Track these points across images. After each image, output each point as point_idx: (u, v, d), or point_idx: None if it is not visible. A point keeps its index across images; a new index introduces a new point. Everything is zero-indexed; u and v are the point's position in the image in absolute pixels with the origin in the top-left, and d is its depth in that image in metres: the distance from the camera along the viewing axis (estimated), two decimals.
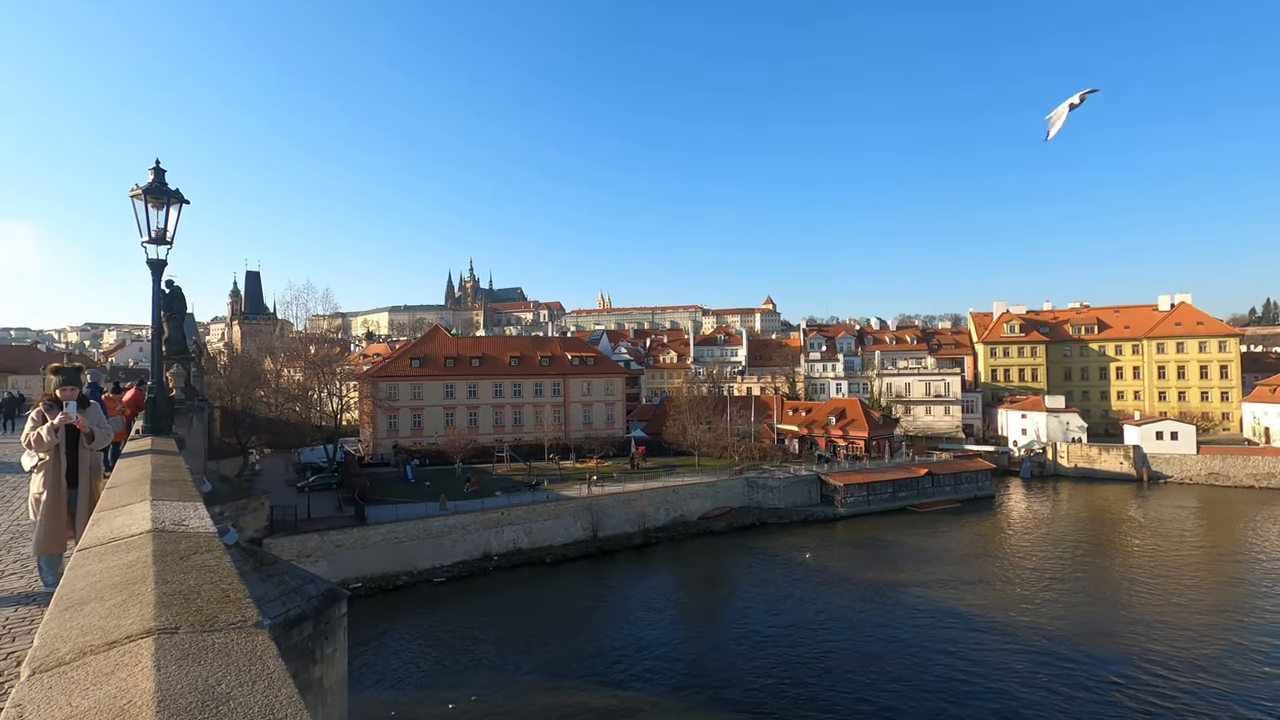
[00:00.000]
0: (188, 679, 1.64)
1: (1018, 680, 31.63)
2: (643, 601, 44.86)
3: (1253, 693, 30.07)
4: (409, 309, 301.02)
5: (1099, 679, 31.54)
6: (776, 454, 79.92)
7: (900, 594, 44.15)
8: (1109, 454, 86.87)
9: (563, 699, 30.47)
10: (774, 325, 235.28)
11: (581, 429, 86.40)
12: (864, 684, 31.65)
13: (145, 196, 11.34)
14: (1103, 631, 37.35)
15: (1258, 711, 28.42)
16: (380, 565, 46.17)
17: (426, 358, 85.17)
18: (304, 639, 17.04)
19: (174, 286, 21.97)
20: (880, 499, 69.51)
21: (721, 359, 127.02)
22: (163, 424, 11.64)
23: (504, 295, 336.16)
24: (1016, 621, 38.97)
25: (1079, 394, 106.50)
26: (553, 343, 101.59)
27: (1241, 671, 32.19)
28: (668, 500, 61.90)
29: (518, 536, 52.92)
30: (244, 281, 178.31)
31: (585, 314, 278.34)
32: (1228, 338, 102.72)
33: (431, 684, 32.19)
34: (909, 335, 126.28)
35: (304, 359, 77.20)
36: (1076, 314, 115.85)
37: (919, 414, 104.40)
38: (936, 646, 35.69)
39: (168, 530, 3.36)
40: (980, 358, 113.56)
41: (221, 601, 2.27)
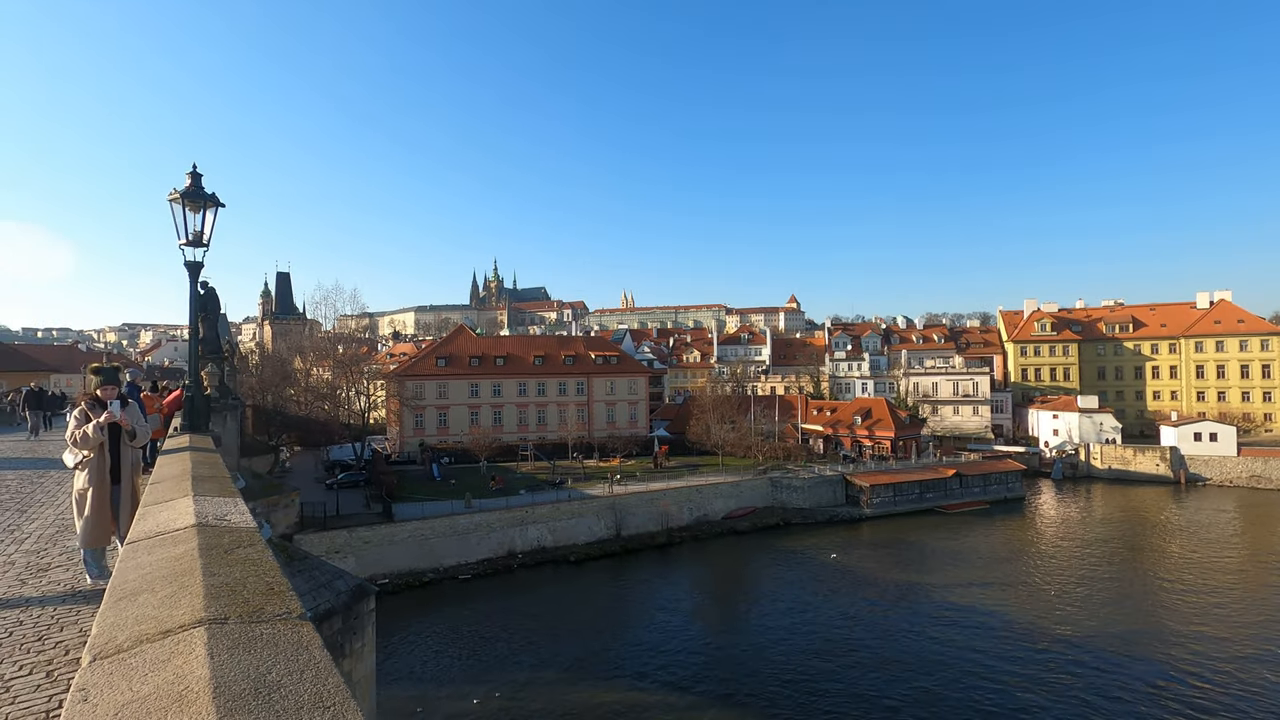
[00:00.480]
0: (240, 667, 1.71)
1: (1048, 688, 31.03)
2: (666, 601, 44.87)
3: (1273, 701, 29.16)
4: (434, 309, 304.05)
5: (1133, 688, 30.82)
6: (801, 454, 79.38)
7: (927, 596, 43.57)
8: (1144, 455, 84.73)
9: (586, 697, 30.62)
10: (798, 324, 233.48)
11: (605, 428, 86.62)
12: (889, 687, 31.31)
13: (183, 200, 11.67)
14: (1138, 639, 36.46)
15: None
16: (407, 561, 46.80)
17: (452, 357, 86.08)
18: (333, 633, 17.38)
19: (209, 288, 22.52)
20: (907, 500, 68.66)
21: (745, 358, 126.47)
22: (200, 422, 11.95)
23: (528, 295, 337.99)
24: (1048, 627, 38.23)
25: (1113, 394, 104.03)
26: (576, 342, 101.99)
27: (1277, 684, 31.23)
28: (691, 500, 61.82)
29: (542, 535, 53.26)
30: (275, 282, 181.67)
31: (609, 313, 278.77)
32: (1270, 336, 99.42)
33: (457, 679, 32.57)
34: (936, 334, 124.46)
35: (332, 358, 78.56)
36: (1110, 312, 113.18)
37: (947, 414, 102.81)
38: (964, 651, 35.17)
39: (210, 525, 3.47)
40: (1010, 357, 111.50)
41: (266, 594, 2.34)
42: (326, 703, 1.56)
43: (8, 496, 11.08)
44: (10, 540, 7.99)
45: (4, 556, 7.21)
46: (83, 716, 1.50)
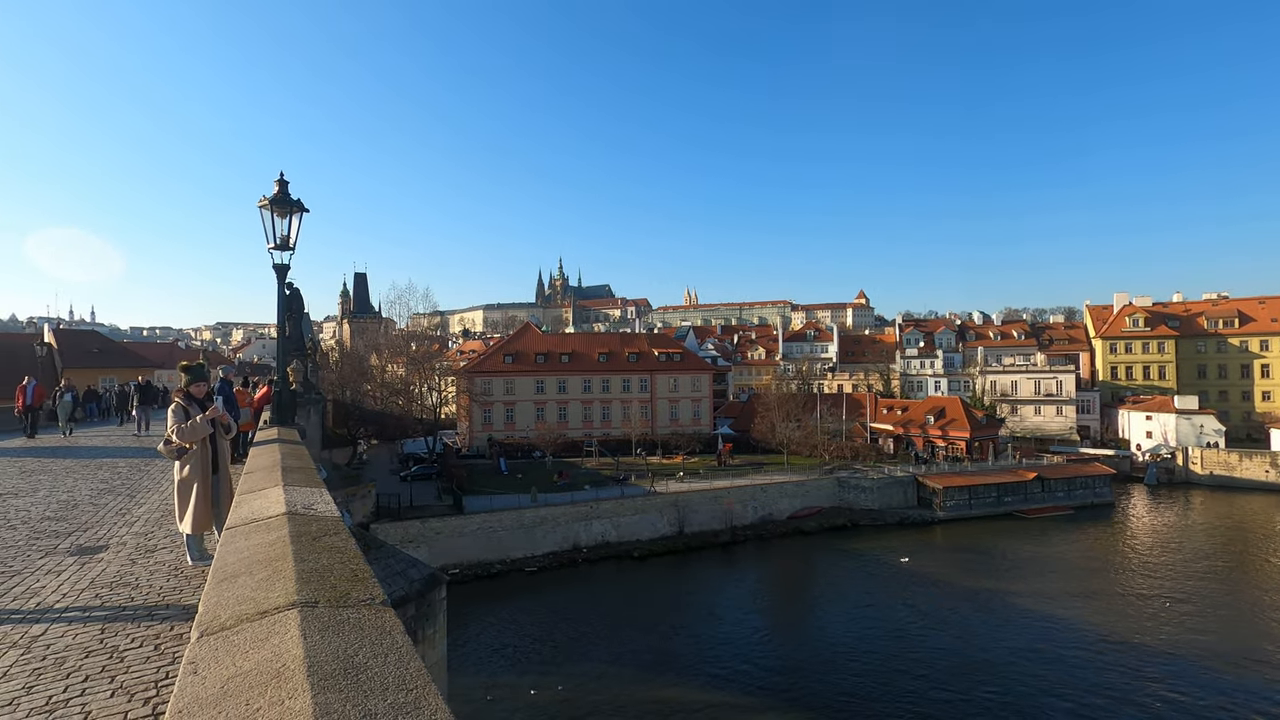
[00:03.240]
0: (330, 648, 1.82)
1: (1135, 706, 29.16)
2: (729, 599, 44.57)
3: None
4: (501, 307, 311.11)
5: (1230, 712, 28.59)
6: (869, 454, 77.26)
7: (1005, 604, 41.67)
8: (1252, 460, 78.25)
9: (647, 692, 30.78)
10: (867, 320, 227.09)
11: (668, 425, 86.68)
12: (962, 697, 30.12)
13: (271, 206, 12.38)
14: (1238, 659, 33.78)
15: None
16: (476, 553, 48.19)
17: (518, 354, 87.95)
18: (407, 620, 18.10)
19: (294, 288, 23.82)
20: (983, 503, 65.80)
21: (811, 355, 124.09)
22: (287, 415, 12.65)
23: (592, 292, 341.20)
24: (1136, 642, 35.91)
25: (1215, 394, 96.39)
26: (640, 339, 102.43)
27: None
28: (755, 498, 61.14)
29: (606, 530, 53.82)
30: (353, 283, 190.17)
31: (672, 310, 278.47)
32: None
33: (523, 669, 33.34)
34: (1016, 330, 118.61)
35: (406, 355, 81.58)
36: (1213, 306, 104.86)
37: (1027, 414, 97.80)
38: (1042, 663, 33.46)
39: (299, 514, 3.69)
40: (1098, 354, 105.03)
41: (351, 580, 2.48)
42: (409, 685, 1.64)
43: (119, 483, 12.05)
44: (122, 523, 8.69)
45: (117, 538, 7.86)
46: (193, 687, 1.64)
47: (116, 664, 4.21)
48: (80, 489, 11.24)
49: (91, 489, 11.24)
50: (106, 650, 4.45)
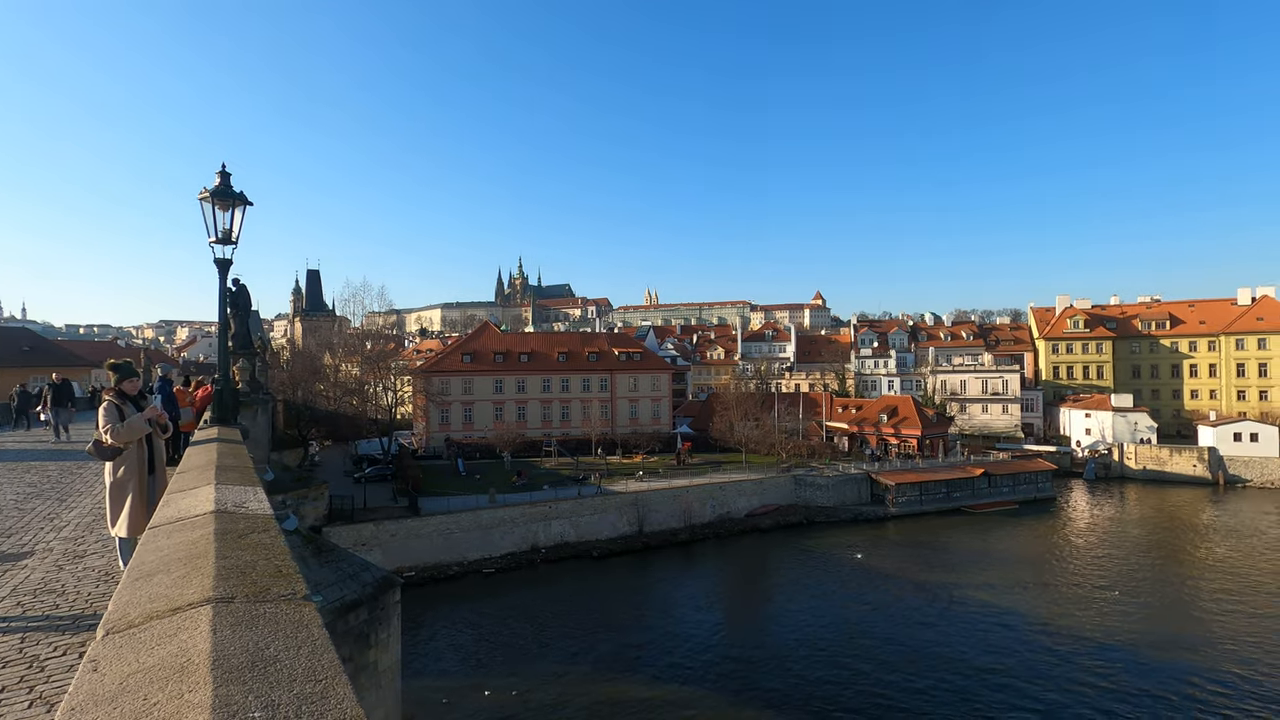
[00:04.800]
0: (240, 642, 1.79)
1: (1073, 692, 30.44)
2: (688, 597, 44.90)
3: None
4: (460, 305, 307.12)
5: (1160, 695, 30.09)
6: (825, 452, 78.71)
7: (955, 597, 42.97)
8: (1181, 456, 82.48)
9: (605, 691, 30.80)
10: (823, 321, 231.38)
11: (628, 424, 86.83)
12: (913, 687, 30.98)
13: (212, 199, 11.99)
14: (1170, 645, 35.57)
15: None
16: (432, 555, 47.48)
17: (477, 353, 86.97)
18: (359, 623, 17.74)
19: (240, 284, 23.06)
20: (933, 499, 67.74)
21: (769, 355, 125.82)
22: (229, 415, 12.27)
23: (552, 292, 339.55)
24: (1075, 630, 37.48)
25: (1148, 392, 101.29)
26: (600, 339, 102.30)
27: None
28: (714, 497, 61.70)
29: (565, 530, 53.62)
30: (305, 280, 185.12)
31: (632, 310, 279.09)
32: None
33: (480, 671, 32.98)
34: (965, 331, 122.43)
35: (361, 354, 79.76)
36: (1147, 309, 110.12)
37: (975, 412, 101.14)
38: (991, 653, 34.65)
39: (229, 511, 3.60)
40: (1041, 354, 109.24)
41: (274, 576, 2.44)
42: (319, 676, 1.64)
43: (49, 486, 11.52)
44: (50, 528, 8.32)
45: (44, 544, 7.52)
46: (91, 684, 1.60)
47: (36, 674, 4.05)
48: (4, 493, 10.70)
49: (17, 493, 10.72)
50: (26, 660, 4.27)
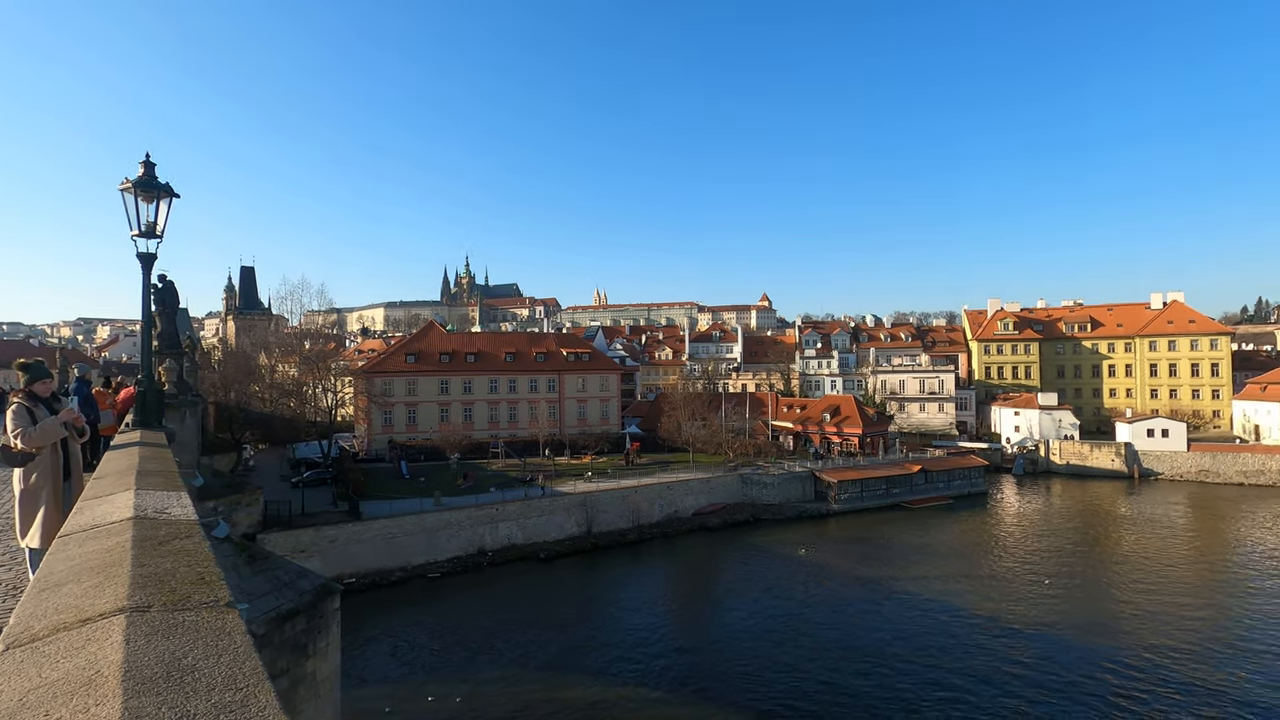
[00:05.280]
0: (155, 652, 1.71)
1: (1007, 675, 31.87)
2: (636, 597, 45.04)
3: (1236, 686, 30.41)
4: (404, 305, 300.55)
5: (1088, 674, 31.82)
6: (771, 450, 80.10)
7: (893, 590, 44.40)
8: (1101, 451, 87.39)
9: (553, 694, 30.60)
10: (770, 322, 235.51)
11: (576, 425, 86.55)
12: (855, 678, 31.86)
13: (135, 190, 11.37)
14: (1092, 628, 37.65)
15: (1243, 705, 28.74)
16: (375, 560, 46.22)
17: (421, 354, 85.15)
18: (297, 633, 17.12)
19: (166, 281, 21.92)
20: (874, 495, 69.82)
21: (717, 355, 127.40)
22: (152, 417, 11.67)
23: (500, 291, 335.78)
24: (1008, 617, 39.25)
25: (1071, 391, 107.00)
26: (548, 339, 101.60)
27: (1227, 666, 32.54)
28: (662, 496, 62.06)
29: (512, 532, 53.03)
30: (239, 277, 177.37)
31: (581, 310, 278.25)
32: (1219, 336, 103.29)
33: (425, 678, 32.29)
34: (904, 332, 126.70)
35: (299, 354, 77.10)
36: (1070, 312, 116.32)
37: (913, 411, 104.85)
38: (928, 642, 35.94)
39: (149, 518, 3.41)
40: (974, 355, 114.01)
41: (196, 583, 2.33)
42: (239, 684, 1.57)
43: None
44: None
45: None
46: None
47: None
48: None
49: None
50: None
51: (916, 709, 29.05)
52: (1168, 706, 28.73)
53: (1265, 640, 35.56)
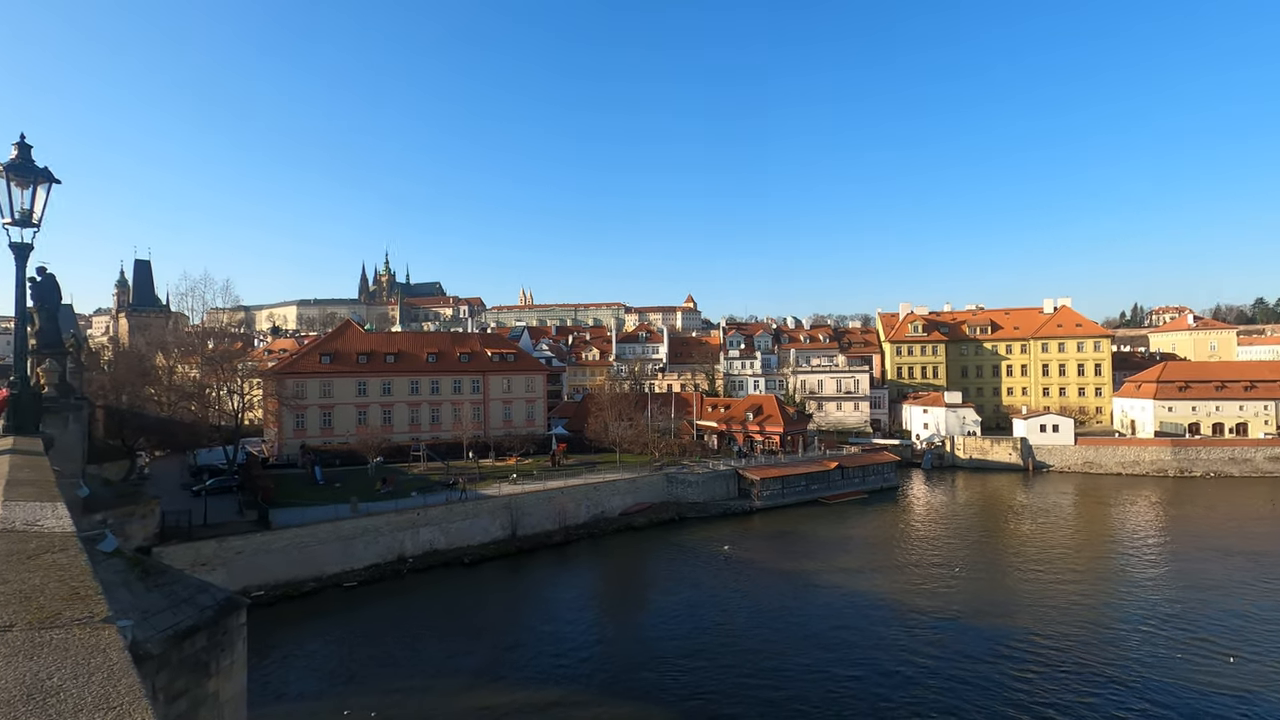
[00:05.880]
0: (14, 674, 1.57)
1: (918, 659, 33.61)
2: (564, 599, 44.77)
3: (1113, 655, 33.25)
4: (319, 303, 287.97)
5: (990, 656, 33.98)
6: (696, 450, 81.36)
7: (812, 583, 45.99)
8: (999, 446, 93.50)
9: (480, 700, 30.00)
10: (695, 323, 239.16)
11: (501, 426, 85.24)
12: (778, 669, 32.81)
13: (7, 174, 10.39)
14: (994, 612, 40.24)
15: (1120, 670, 31.43)
16: (285, 571, 43.96)
17: (337, 353, 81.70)
18: (197, 651, 16.11)
19: (46, 274, 20.14)
20: (794, 492, 72.08)
21: (643, 356, 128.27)
22: (28, 422, 10.70)
23: (422, 290, 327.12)
24: (918, 604, 41.39)
25: (974, 390, 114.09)
26: (472, 339, 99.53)
27: (1108, 642, 35.52)
28: (588, 497, 61.93)
29: (434, 537, 51.63)
30: (132, 271, 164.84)
31: (507, 310, 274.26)
32: (1101, 338, 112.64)
33: (341, 692, 30.96)
34: (822, 334, 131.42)
35: (201, 354, 72.46)
36: (973, 315, 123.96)
37: (831, 410, 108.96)
38: (846, 631, 37.43)
39: (17, 530, 3.12)
40: (887, 356, 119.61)
41: (68, 599, 2.16)
42: (113, 704, 1.47)
43: None
44: None
45: None
46: None
47: None
48: None
49: None
50: None
51: (834, 694, 30.19)
52: (1057, 682, 31.05)
53: (1139, 615, 39.01)
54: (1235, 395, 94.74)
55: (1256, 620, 38.10)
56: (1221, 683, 30.59)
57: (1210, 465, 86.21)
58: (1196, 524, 61.84)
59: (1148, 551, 52.99)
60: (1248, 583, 44.52)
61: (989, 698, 29.42)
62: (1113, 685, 30.39)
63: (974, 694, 29.78)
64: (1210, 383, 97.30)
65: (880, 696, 29.98)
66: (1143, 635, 36.17)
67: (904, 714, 28.49)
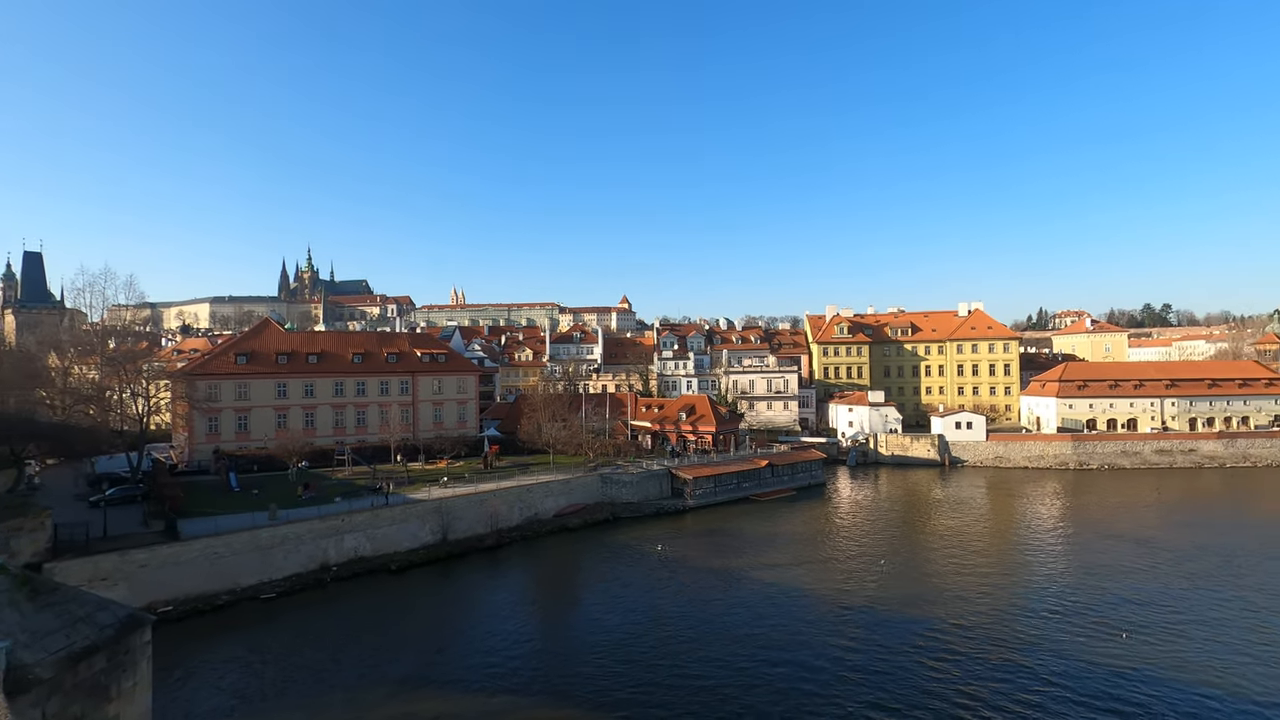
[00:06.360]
0: None
1: (840, 650, 34.89)
2: (496, 602, 44.12)
3: (1021, 641, 35.50)
4: (235, 300, 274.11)
5: (907, 643, 35.63)
6: (630, 450, 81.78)
7: (743, 578, 46.99)
8: (919, 442, 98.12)
9: (409, 709, 29.19)
10: (629, 324, 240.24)
11: (431, 429, 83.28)
12: (707, 664, 33.36)
13: None
14: (911, 601, 42.19)
15: (1026, 654, 33.60)
16: (196, 584, 41.53)
17: (255, 354, 77.82)
18: (95, 673, 15.17)
19: None
20: (726, 490, 73.48)
21: (577, 357, 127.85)
22: None
23: (347, 288, 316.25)
24: (841, 597, 42.95)
25: (896, 389, 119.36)
26: (401, 339, 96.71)
27: (1014, 623, 37.89)
28: (521, 499, 61.27)
29: (360, 544, 49.91)
30: (21, 264, 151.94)
31: (437, 309, 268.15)
32: (1010, 340, 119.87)
33: (259, 709, 29.52)
34: (753, 335, 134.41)
35: (101, 354, 67.56)
36: (894, 318, 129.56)
37: (761, 409, 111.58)
38: (775, 625, 38.43)
39: None
40: (815, 357, 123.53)
41: None
42: None
43: None
44: None
45: None
46: None
47: None
48: None
49: None
50: None
51: (761, 687, 30.96)
52: (969, 670, 32.87)
53: (1044, 601, 41.77)
54: (1127, 393, 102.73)
55: (1144, 600, 41.50)
56: (1115, 659, 33.14)
57: (1105, 458, 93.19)
58: (1093, 513, 66.70)
59: (1051, 541, 56.75)
60: (1138, 567, 48.39)
61: (907, 687, 30.79)
62: (1021, 669, 32.37)
63: (894, 684, 31.12)
64: (1105, 382, 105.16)
65: (807, 690, 30.92)
66: (1046, 620, 38.72)
67: (826, 705, 29.50)
